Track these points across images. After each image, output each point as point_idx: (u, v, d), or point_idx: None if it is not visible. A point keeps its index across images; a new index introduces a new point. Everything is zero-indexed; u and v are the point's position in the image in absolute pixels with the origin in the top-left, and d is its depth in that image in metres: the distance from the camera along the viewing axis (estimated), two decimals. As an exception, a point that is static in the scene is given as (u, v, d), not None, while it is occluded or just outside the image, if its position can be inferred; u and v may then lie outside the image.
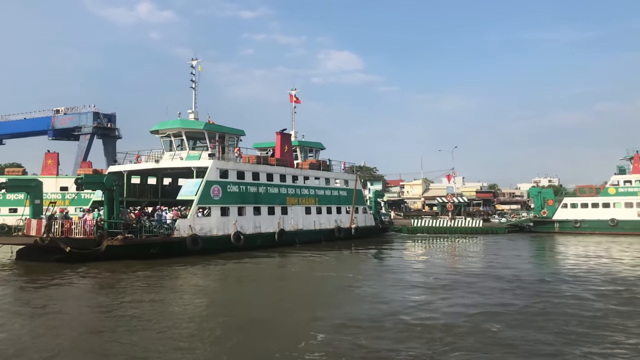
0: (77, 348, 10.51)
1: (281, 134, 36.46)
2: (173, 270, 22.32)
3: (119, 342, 10.73)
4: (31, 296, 16.55)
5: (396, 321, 12.31)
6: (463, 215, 64.55)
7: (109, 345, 10.67)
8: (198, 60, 34.08)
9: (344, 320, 12.32)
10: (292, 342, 10.60)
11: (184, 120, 32.25)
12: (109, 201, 25.56)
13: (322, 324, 12.15)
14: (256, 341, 10.89)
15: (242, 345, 10.66)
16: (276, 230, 32.73)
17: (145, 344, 10.59)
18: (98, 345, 10.65)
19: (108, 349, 10.37)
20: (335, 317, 12.76)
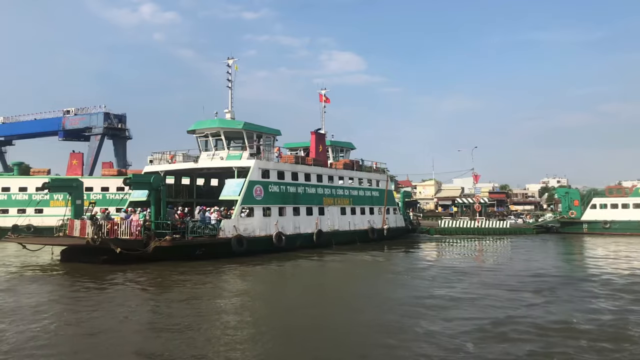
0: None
1: (316, 133, 36.07)
2: (224, 272, 22.00)
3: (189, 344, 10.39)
4: (100, 297, 16.17)
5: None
6: (484, 216, 64.16)
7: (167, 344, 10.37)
8: (234, 59, 33.73)
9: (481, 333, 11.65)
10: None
11: (223, 120, 31.88)
12: (156, 201, 25.17)
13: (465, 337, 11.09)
14: (320, 348, 10.47)
15: (304, 350, 10.30)
16: (314, 231, 32.32)
17: (208, 347, 10.28)
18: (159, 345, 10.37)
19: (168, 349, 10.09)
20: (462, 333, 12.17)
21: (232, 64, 33.73)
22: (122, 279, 19.61)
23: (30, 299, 15.56)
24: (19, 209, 46.96)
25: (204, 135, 32.08)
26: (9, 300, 15.41)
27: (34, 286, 18.13)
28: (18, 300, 15.56)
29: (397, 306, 14.25)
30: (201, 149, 32.64)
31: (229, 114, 33.13)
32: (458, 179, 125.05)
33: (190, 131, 32.69)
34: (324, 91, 42.70)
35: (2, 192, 46.99)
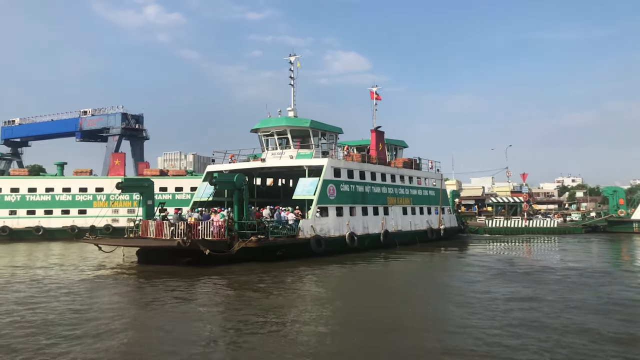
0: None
1: (376, 131, 35.32)
2: (310, 272, 21.38)
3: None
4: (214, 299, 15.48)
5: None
6: (519, 215, 63.19)
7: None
8: (297, 56, 33.05)
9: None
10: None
11: (290, 118, 31.19)
12: (239, 201, 24.49)
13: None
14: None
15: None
16: (381, 232, 31.59)
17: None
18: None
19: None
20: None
21: (295, 60, 33.06)
22: (227, 281, 18.97)
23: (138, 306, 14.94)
24: (63, 210, 46.60)
25: (269, 134, 31.39)
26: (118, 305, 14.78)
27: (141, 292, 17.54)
28: (123, 303, 14.96)
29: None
30: (265, 148, 31.95)
31: (291, 112, 32.46)
32: (475, 178, 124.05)
33: (254, 130, 32.05)
34: (375, 88, 41.98)
35: (45, 193, 46.51)
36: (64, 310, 13.77)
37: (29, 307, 14.05)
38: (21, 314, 13.28)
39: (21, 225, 44.91)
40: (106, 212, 46.75)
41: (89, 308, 14.18)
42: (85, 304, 14.69)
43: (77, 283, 19.17)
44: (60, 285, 18.49)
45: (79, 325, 11.99)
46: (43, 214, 45.77)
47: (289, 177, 36.59)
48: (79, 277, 20.72)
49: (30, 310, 13.65)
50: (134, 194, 47.54)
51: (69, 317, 12.82)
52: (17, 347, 10.12)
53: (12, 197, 45.53)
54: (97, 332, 11.37)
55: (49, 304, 14.66)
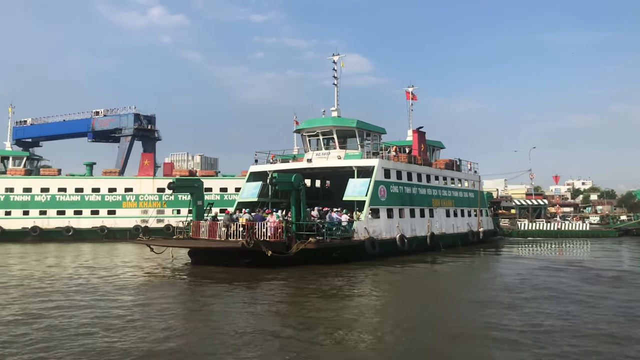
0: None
1: (418, 132, 34.78)
2: (374, 274, 20.95)
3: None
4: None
5: None
6: (543, 217, 62.54)
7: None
8: (340, 56, 32.57)
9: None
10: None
11: (336, 118, 30.70)
12: (297, 202, 23.99)
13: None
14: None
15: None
16: (427, 234, 31.05)
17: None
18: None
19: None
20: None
21: (338, 60, 32.57)
22: (299, 283, 18.48)
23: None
24: (93, 210, 46.24)
25: (314, 134, 30.91)
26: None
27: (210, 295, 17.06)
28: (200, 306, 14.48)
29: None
30: (309, 148, 31.46)
31: (335, 112, 31.97)
32: (488, 181, 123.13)
33: (298, 130, 31.60)
34: (411, 88, 41.51)
35: (75, 193, 46.16)
36: (158, 310, 13.35)
37: (118, 308, 13.63)
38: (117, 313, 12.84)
39: (51, 226, 44.56)
40: (137, 213, 46.61)
41: (181, 310, 13.75)
42: (175, 307, 14.27)
43: (150, 284, 18.83)
44: (137, 285, 18.22)
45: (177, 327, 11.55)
46: (73, 214, 45.41)
47: (332, 178, 36.02)
48: (148, 278, 20.36)
49: (125, 310, 13.24)
50: (163, 194, 47.41)
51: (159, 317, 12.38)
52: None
53: (42, 197, 45.20)
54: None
55: (143, 305, 14.28)
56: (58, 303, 14.54)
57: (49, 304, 14.43)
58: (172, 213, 47.13)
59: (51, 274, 21.21)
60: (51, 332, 11.13)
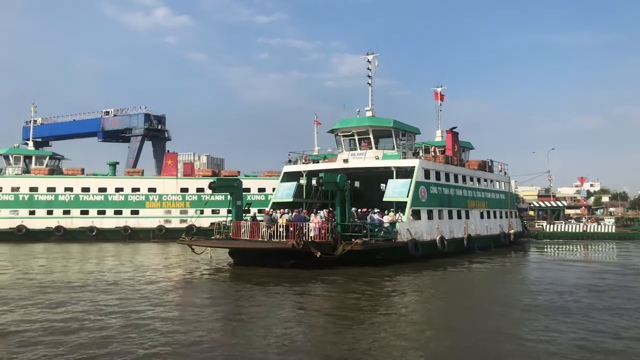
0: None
1: (452, 132, 34.35)
2: (422, 276, 20.52)
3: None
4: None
5: None
6: (562, 219, 62.03)
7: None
8: (374, 54, 32.19)
9: None
10: None
11: (373, 118, 30.32)
12: (341, 202, 23.63)
13: None
14: None
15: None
16: (464, 236, 30.63)
17: None
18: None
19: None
20: None
21: (372, 59, 32.21)
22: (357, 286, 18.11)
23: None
24: (116, 210, 45.96)
25: (349, 135, 30.54)
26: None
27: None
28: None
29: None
30: (344, 148, 31.08)
31: (369, 111, 31.60)
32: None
33: (332, 130, 31.22)
34: (440, 88, 41.14)
35: (99, 193, 45.88)
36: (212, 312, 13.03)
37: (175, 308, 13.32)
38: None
39: (75, 226, 44.30)
40: (160, 213, 46.33)
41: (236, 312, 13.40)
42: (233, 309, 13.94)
43: (204, 285, 18.54)
44: (190, 286, 17.94)
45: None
46: (96, 214, 45.15)
47: (362, 179, 35.61)
48: (200, 279, 20.09)
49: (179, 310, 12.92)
50: (187, 195, 47.16)
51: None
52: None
53: (66, 196, 44.94)
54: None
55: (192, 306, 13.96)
56: (136, 301, 14.35)
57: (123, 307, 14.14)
58: (196, 213, 46.85)
59: (118, 274, 21.22)
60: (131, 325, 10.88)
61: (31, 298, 15.29)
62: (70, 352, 9.64)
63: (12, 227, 42.90)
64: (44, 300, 14.87)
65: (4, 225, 43.00)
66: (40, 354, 9.51)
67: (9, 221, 43.30)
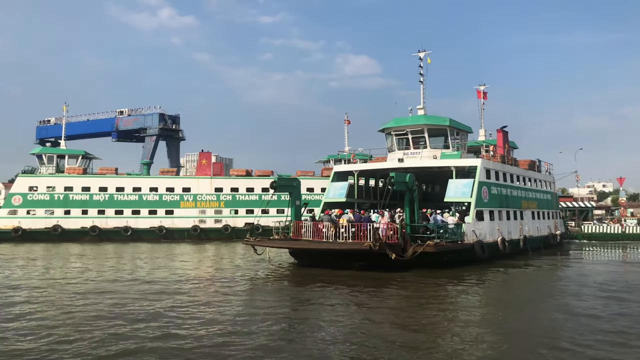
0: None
1: (502, 131, 33.71)
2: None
3: None
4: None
5: None
6: (590, 220, 61.10)
7: None
8: (427, 52, 31.56)
9: None
10: None
11: (428, 117, 29.68)
12: (410, 203, 23.02)
13: None
14: None
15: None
16: (520, 237, 29.96)
17: None
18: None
19: None
20: None
21: (425, 57, 31.57)
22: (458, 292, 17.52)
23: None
24: (150, 210, 45.51)
25: (402, 133, 29.91)
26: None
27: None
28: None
29: None
30: (396, 147, 30.44)
31: (422, 110, 30.98)
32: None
33: (384, 129, 30.61)
34: (482, 87, 40.39)
35: (133, 192, 45.44)
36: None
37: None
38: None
39: (109, 225, 43.88)
40: (194, 213, 45.86)
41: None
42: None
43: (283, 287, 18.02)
44: (265, 288, 17.42)
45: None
46: (130, 214, 44.71)
47: (423, 179, 34.94)
48: (267, 279, 19.58)
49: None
50: (221, 194, 46.67)
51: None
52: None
53: (100, 196, 44.53)
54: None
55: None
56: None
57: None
58: (230, 213, 46.42)
59: (185, 274, 20.94)
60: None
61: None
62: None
63: (47, 226, 42.56)
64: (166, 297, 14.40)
65: (39, 225, 42.65)
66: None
67: (44, 221, 42.94)
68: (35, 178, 44.45)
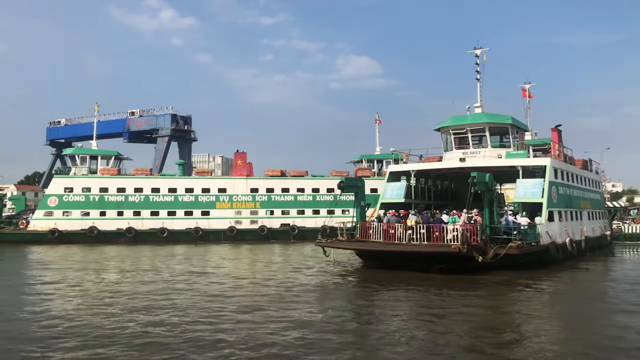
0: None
1: (557, 130, 32.98)
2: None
3: None
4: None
5: None
6: (617, 220, 60.38)
7: None
8: (483, 49, 30.89)
9: None
10: None
11: (489, 115, 28.98)
12: (490, 203, 22.37)
13: None
14: None
15: None
16: (582, 238, 29.31)
17: None
18: None
19: None
20: None
21: (481, 54, 30.89)
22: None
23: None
24: (186, 211, 44.88)
25: (462, 132, 29.24)
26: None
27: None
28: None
29: None
30: (454, 147, 29.77)
31: (479, 108, 30.30)
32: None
33: (442, 128, 29.92)
34: (528, 85, 39.78)
35: (169, 193, 44.80)
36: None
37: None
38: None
39: (145, 227, 43.26)
40: (230, 214, 45.24)
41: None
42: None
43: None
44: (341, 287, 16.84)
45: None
46: (166, 215, 44.07)
47: (456, 179, 34.26)
48: (340, 281, 18.92)
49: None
50: (257, 195, 46.02)
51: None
52: None
53: (135, 197, 43.90)
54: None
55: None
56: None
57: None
58: (266, 214, 45.77)
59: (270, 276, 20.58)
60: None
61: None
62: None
63: (83, 228, 41.94)
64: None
65: (75, 227, 42.03)
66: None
67: (79, 222, 42.32)
68: (71, 179, 43.81)
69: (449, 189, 35.08)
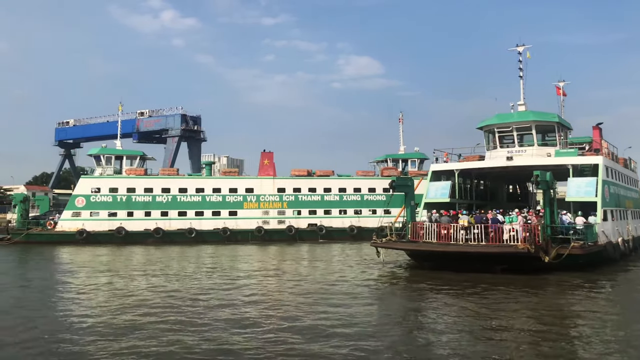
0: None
1: (598, 128, 32.43)
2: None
3: None
4: None
5: None
6: None
7: None
8: (526, 46, 30.35)
9: None
10: None
11: (536, 113, 28.44)
12: (550, 203, 21.87)
13: None
14: None
15: None
16: (629, 237, 28.80)
17: None
18: None
19: None
20: None
21: (524, 51, 30.37)
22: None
23: None
24: (214, 211, 44.41)
25: (507, 130, 28.74)
26: None
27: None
28: None
29: None
30: (497, 145, 29.26)
31: (522, 106, 29.78)
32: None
33: (486, 126, 29.42)
34: (562, 83, 39.24)
35: (196, 194, 44.40)
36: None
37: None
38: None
39: (173, 227, 42.83)
40: (258, 214, 44.82)
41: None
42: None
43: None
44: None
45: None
46: (194, 215, 43.65)
47: (492, 179, 33.72)
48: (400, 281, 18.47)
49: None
50: (284, 195, 45.56)
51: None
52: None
53: (163, 197, 43.49)
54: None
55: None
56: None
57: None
58: (293, 214, 45.35)
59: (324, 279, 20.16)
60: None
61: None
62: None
63: (111, 229, 41.56)
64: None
65: (102, 227, 41.66)
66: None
67: (107, 223, 41.94)
68: (98, 179, 43.43)
69: (487, 188, 34.60)
